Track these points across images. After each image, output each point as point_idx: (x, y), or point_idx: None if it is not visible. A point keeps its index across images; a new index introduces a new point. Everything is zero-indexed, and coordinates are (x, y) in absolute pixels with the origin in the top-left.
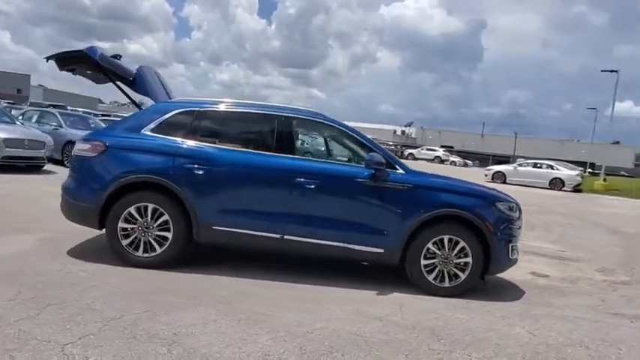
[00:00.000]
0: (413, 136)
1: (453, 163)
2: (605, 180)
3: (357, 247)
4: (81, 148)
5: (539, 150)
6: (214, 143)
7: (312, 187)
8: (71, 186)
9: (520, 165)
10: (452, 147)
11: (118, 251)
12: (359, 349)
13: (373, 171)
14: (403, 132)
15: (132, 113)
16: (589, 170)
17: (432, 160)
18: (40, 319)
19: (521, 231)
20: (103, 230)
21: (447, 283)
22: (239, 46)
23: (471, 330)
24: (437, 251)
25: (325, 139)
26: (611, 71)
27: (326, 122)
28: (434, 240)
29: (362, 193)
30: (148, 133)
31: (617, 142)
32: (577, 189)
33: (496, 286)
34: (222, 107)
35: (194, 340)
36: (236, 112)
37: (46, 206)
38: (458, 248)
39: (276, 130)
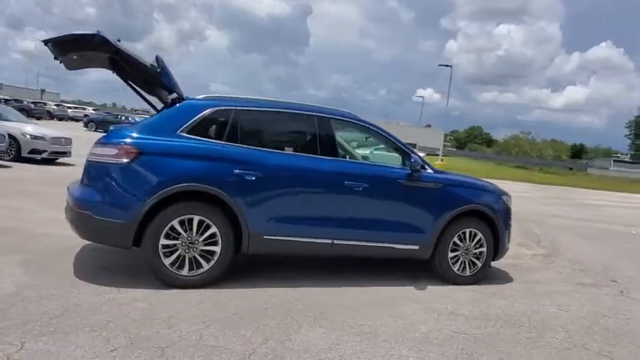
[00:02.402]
0: None
1: None
2: (442, 160)
3: (398, 246)
4: (104, 154)
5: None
6: (256, 146)
7: (360, 189)
8: (94, 198)
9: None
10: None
11: (160, 272)
12: (484, 346)
13: (410, 171)
14: None
15: (158, 112)
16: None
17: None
18: None
19: None
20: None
21: (467, 272)
22: (45, 9)
23: (527, 313)
24: (460, 243)
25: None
26: (447, 65)
27: (360, 123)
28: (458, 234)
29: (402, 193)
30: (185, 135)
31: (429, 126)
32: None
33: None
34: (260, 107)
35: None
36: (275, 112)
37: None
38: (476, 239)
39: (318, 132)
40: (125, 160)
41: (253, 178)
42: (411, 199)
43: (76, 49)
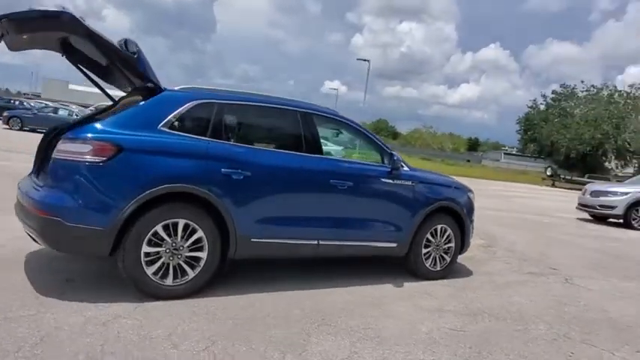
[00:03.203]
0: None
1: None
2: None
3: (379, 244)
4: (75, 151)
5: None
6: (242, 143)
7: (345, 187)
8: (65, 203)
9: None
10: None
11: (142, 283)
12: (486, 343)
13: (390, 169)
14: None
15: (135, 105)
16: None
17: None
18: None
19: None
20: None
21: (438, 267)
22: None
23: (504, 306)
24: (432, 239)
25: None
26: (365, 60)
27: (340, 119)
28: (431, 230)
29: (383, 191)
30: (166, 130)
31: None
32: None
33: None
34: (243, 101)
35: None
36: (259, 106)
37: None
38: (446, 235)
39: (302, 128)
40: (102, 158)
41: (241, 178)
42: (391, 197)
43: (35, 28)
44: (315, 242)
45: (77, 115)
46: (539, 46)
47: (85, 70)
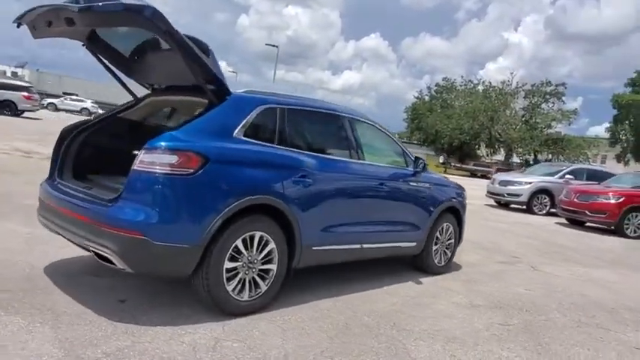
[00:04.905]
0: (27, 79)
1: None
2: None
3: (403, 244)
4: (159, 162)
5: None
6: (304, 149)
7: (385, 191)
8: (150, 219)
9: None
10: (76, 94)
11: (223, 300)
12: (531, 334)
13: (413, 172)
14: (15, 74)
15: (207, 110)
16: None
17: (79, 112)
18: None
19: None
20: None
21: (443, 262)
22: None
23: (515, 297)
24: (439, 237)
25: None
26: (273, 46)
27: (373, 124)
28: (439, 228)
29: (410, 193)
30: (242, 137)
31: None
32: None
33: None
34: (299, 105)
35: None
36: (314, 112)
37: None
38: (448, 232)
39: (349, 134)
40: (189, 170)
41: (307, 186)
42: (415, 198)
43: (112, 22)
44: (359, 246)
45: None
46: (415, 39)
47: (105, 61)
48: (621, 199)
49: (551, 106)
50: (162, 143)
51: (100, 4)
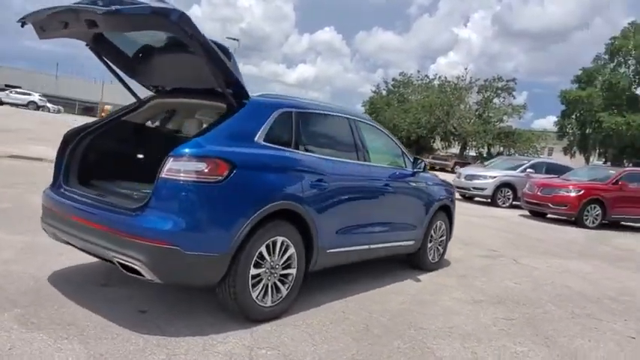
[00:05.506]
0: None
1: (47, 109)
2: None
3: (403, 243)
4: (188, 169)
5: (128, 96)
6: (319, 153)
7: (390, 192)
8: (180, 227)
9: None
10: (19, 87)
11: (248, 307)
12: (535, 327)
13: (412, 172)
14: None
15: (228, 115)
16: None
17: (26, 106)
18: None
19: None
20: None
21: (436, 259)
22: None
23: (508, 291)
24: (433, 234)
25: None
26: (234, 39)
27: (375, 126)
28: (434, 226)
29: (410, 193)
30: (263, 142)
31: None
32: None
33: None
34: (315, 110)
35: None
36: (325, 115)
37: None
38: (441, 229)
39: (356, 137)
40: (219, 178)
41: (325, 190)
42: (414, 198)
43: (137, 25)
44: (367, 247)
45: None
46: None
47: (109, 63)
48: (581, 192)
49: (503, 100)
50: (190, 150)
51: (128, 7)
